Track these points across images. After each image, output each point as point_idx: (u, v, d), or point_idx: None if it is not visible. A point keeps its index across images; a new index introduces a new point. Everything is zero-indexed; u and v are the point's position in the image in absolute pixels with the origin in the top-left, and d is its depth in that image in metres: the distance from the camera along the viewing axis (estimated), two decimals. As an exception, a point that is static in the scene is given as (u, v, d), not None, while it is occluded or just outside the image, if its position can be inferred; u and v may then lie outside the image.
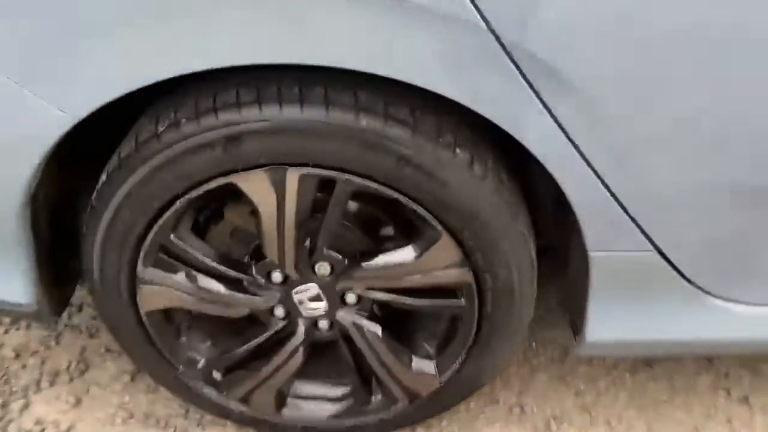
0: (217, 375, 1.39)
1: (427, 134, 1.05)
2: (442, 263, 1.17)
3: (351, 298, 1.27)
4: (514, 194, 1.16)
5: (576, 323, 1.29)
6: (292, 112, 1.03)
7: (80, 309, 1.80)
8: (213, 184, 1.10)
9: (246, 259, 1.28)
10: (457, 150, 1.07)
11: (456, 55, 0.95)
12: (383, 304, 1.30)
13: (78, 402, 1.61)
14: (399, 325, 1.35)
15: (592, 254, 1.14)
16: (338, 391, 1.42)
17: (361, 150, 1.04)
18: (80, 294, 1.75)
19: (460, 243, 1.13)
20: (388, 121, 1.03)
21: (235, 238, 1.29)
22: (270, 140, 1.05)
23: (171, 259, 1.22)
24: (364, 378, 1.38)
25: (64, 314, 1.78)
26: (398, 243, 1.22)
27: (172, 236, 1.19)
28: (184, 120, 1.06)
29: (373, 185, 1.08)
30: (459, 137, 1.08)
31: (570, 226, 1.15)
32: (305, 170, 1.07)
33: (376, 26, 0.93)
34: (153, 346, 1.34)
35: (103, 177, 1.15)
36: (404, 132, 1.04)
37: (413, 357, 1.33)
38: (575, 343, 1.30)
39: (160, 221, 1.15)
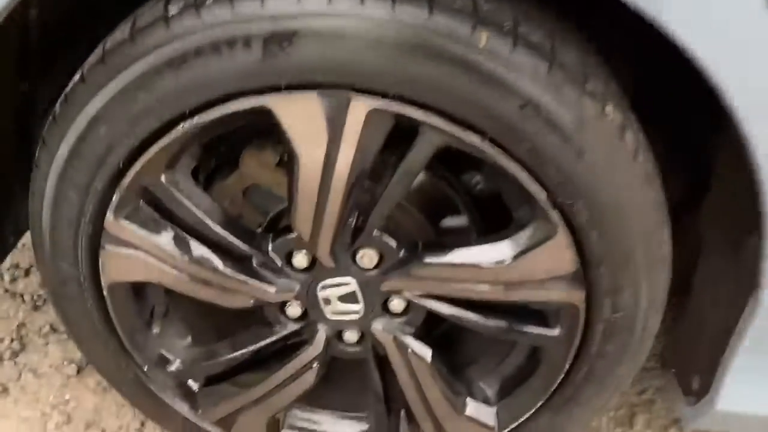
0: (193, 384, 1.03)
1: (570, 74, 0.71)
2: (548, 272, 0.81)
3: (397, 305, 0.92)
4: (660, 188, 0.82)
5: (693, 381, 0.95)
6: (375, 10, 0.68)
7: (27, 273, 1.43)
8: (237, 106, 0.75)
9: (261, 230, 0.93)
10: (607, 108, 0.72)
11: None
12: (438, 320, 0.94)
13: (4, 391, 1.26)
14: (450, 352, 1.00)
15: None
16: (353, 428, 1.06)
17: (472, 81, 0.70)
18: (32, 254, 1.39)
19: (580, 247, 0.78)
20: (517, 43, 0.69)
21: (250, 199, 0.94)
22: (336, 46, 0.71)
23: (156, 211, 0.86)
24: (391, 414, 1.02)
25: (5, 276, 1.41)
26: (478, 237, 0.88)
27: (162, 177, 0.83)
28: (210, 0, 0.71)
29: (478, 141, 0.73)
30: (610, 90, 0.73)
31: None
32: (379, 102, 0.72)
33: None
34: (112, 333, 0.98)
35: (77, 77, 0.80)
36: (538, 64, 0.70)
37: (468, 399, 0.97)
38: (690, 409, 0.95)
39: (150, 152, 0.79)
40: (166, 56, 0.73)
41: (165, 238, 0.88)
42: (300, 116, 0.74)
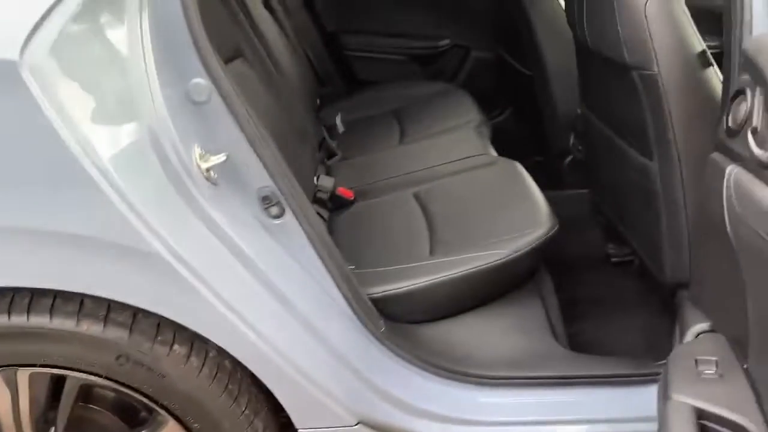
0: None
1: (146, 333, 1.22)
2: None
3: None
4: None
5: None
6: (19, 320, 1.17)
7: None
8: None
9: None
10: (175, 346, 1.24)
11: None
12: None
13: None
14: None
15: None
16: None
17: (83, 349, 1.20)
18: None
19: (185, 426, 1.28)
20: (107, 324, 1.20)
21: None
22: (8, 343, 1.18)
23: None
24: None
25: None
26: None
27: None
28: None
29: (98, 380, 1.22)
30: (179, 335, 1.25)
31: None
32: (35, 370, 1.21)
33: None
34: None
35: None
36: (125, 333, 1.20)
37: None
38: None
39: None
40: None
41: None
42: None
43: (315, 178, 1.99)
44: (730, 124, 1.02)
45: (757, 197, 0.89)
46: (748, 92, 0.97)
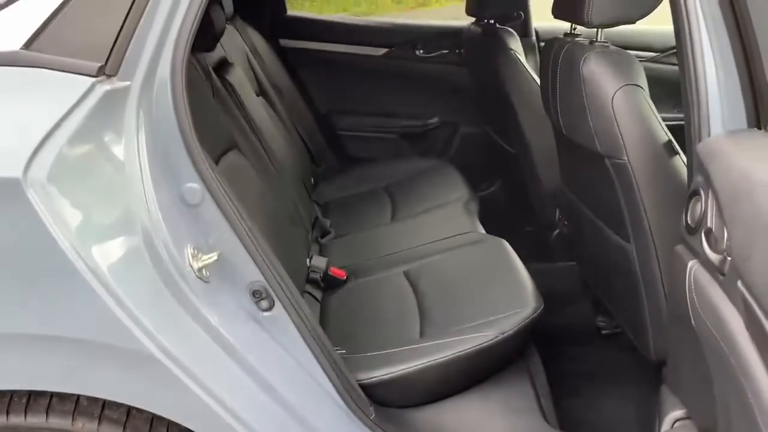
0: None
1: (140, 429, 1.25)
2: None
3: None
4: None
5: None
6: (17, 420, 1.21)
7: None
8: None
9: None
10: (168, 440, 1.27)
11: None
12: None
13: None
14: None
15: None
16: None
17: None
18: None
19: None
20: (102, 422, 1.23)
21: None
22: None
23: None
24: None
25: None
26: None
27: None
28: None
29: (93, 477, 1.25)
30: (171, 429, 1.28)
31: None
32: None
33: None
34: None
35: None
36: (117, 430, 1.24)
37: None
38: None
39: None
40: None
41: None
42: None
43: (308, 260, 2.05)
44: (688, 221, 1.07)
45: (713, 301, 0.93)
46: (702, 193, 1.02)
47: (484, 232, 2.16)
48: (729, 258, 0.90)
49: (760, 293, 0.81)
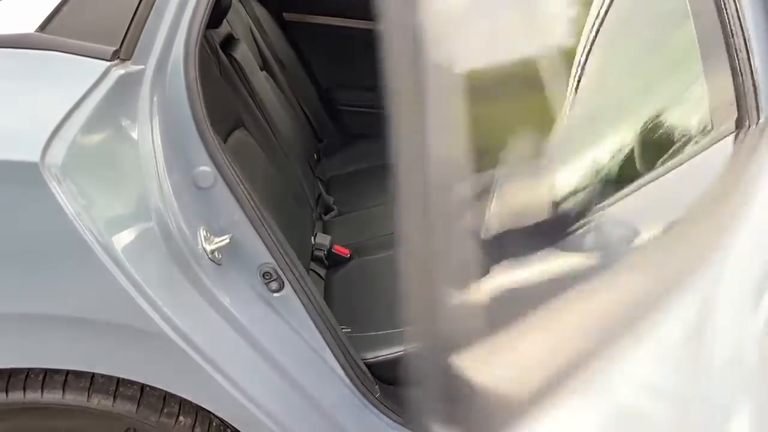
0: None
1: (153, 406, 1.29)
2: None
3: None
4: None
5: None
6: (33, 396, 1.24)
7: None
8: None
9: None
10: (181, 417, 1.31)
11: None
12: None
13: None
14: None
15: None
16: None
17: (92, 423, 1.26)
18: None
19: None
20: (117, 398, 1.27)
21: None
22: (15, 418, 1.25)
23: None
24: None
25: None
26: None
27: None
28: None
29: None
30: (184, 406, 1.32)
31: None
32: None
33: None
34: None
35: None
36: (131, 406, 1.27)
37: None
38: None
39: None
40: None
41: None
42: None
43: (312, 237, 2.07)
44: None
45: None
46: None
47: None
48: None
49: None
